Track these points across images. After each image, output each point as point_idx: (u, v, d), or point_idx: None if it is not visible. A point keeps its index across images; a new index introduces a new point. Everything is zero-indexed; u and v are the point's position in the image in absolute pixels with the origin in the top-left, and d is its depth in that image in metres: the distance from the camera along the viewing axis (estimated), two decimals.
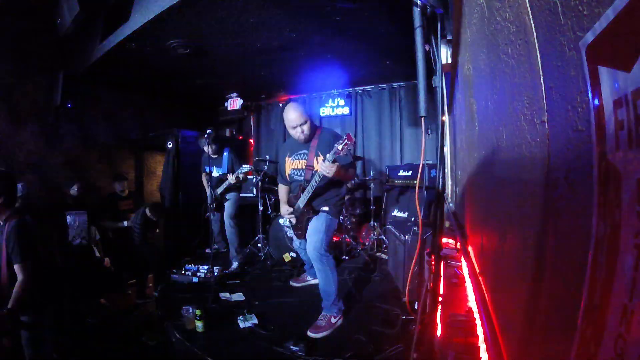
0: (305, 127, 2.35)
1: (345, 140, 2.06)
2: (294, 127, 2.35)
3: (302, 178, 2.45)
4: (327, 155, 2.16)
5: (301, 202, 2.43)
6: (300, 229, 2.51)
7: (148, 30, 3.12)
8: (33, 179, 3.85)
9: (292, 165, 2.52)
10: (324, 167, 2.14)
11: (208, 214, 3.60)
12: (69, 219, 3.50)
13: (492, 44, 1.00)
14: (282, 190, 2.73)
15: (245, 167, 3.52)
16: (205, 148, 3.56)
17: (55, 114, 4.10)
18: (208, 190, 3.55)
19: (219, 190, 3.65)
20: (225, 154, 3.77)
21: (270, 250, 4.05)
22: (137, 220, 3.89)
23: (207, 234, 4.06)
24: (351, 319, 2.44)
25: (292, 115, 2.32)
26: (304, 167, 2.44)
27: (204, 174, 3.93)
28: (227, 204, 3.71)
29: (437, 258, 1.35)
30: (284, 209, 2.59)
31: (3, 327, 1.89)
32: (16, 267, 1.92)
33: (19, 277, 1.92)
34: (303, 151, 2.46)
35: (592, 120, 0.42)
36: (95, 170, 4.78)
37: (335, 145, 2.09)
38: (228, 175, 3.61)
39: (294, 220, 2.54)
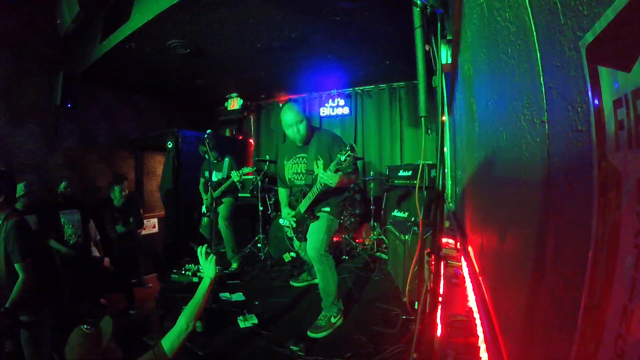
0: (301, 127, 2.34)
1: (349, 152, 2.02)
2: (290, 126, 2.35)
3: (303, 182, 2.44)
4: (330, 166, 2.14)
5: (302, 206, 2.42)
6: (301, 232, 2.50)
7: (148, 30, 3.12)
8: (33, 179, 3.84)
9: (291, 169, 2.51)
10: (327, 177, 2.11)
11: (208, 213, 3.60)
12: (62, 219, 3.47)
13: (492, 44, 1.00)
14: (283, 193, 2.70)
15: (246, 169, 3.51)
16: (203, 148, 3.45)
17: (55, 114, 4.09)
18: (205, 195, 3.53)
19: (217, 193, 3.64)
20: (226, 160, 3.79)
21: (270, 250, 4.05)
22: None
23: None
24: (351, 319, 2.44)
25: (288, 114, 2.33)
26: (304, 171, 2.43)
27: (202, 179, 3.91)
28: (221, 207, 3.70)
29: (437, 258, 1.35)
30: (285, 211, 2.59)
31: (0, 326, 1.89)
32: (17, 266, 1.92)
33: (20, 276, 1.92)
34: (302, 155, 2.45)
35: (592, 120, 0.42)
36: (95, 170, 4.78)
37: (338, 155, 2.05)
38: (231, 173, 3.58)
39: (294, 224, 2.54)
